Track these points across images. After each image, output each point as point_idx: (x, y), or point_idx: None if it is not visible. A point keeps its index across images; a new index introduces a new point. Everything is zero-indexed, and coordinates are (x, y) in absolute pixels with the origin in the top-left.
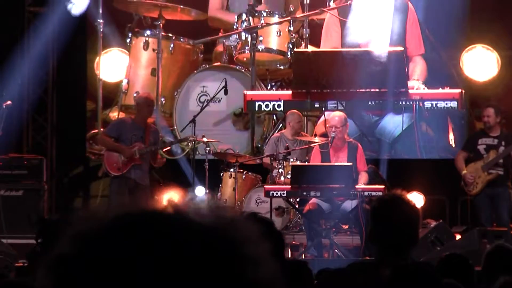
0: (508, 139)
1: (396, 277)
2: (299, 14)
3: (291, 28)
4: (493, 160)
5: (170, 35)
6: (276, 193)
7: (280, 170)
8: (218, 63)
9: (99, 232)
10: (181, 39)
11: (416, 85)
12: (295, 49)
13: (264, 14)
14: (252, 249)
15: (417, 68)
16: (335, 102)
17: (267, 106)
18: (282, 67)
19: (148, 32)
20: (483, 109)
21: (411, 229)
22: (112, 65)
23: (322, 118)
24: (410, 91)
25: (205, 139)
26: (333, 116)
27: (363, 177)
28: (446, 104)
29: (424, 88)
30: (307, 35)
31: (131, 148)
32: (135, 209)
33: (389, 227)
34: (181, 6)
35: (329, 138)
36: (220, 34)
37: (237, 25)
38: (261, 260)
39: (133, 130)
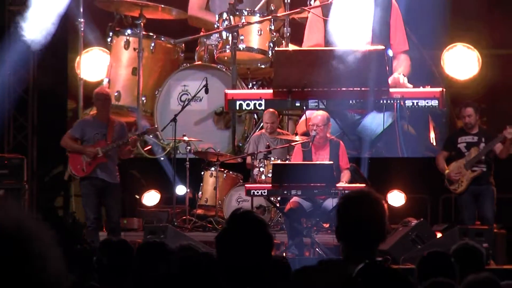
0: (487, 135)
1: (363, 274)
2: (280, 13)
3: (272, 27)
4: (475, 157)
5: (151, 34)
6: (257, 192)
7: (261, 169)
8: (199, 62)
9: None
10: (162, 38)
11: (397, 76)
12: (276, 48)
13: (245, 13)
14: (38, 247)
15: (401, 64)
16: (316, 101)
17: (248, 105)
18: (263, 66)
19: (129, 31)
20: (462, 109)
21: (377, 225)
22: (93, 64)
23: (303, 117)
24: (391, 90)
25: (186, 138)
26: (316, 114)
27: (346, 174)
28: (427, 102)
29: (404, 80)
30: (288, 34)
31: (93, 147)
32: None
33: (354, 224)
34: (162, 5)
35: (310, 137)
36: (202, 33)
37: (218, 24)
38: (47, 257)
39: (96, 129)
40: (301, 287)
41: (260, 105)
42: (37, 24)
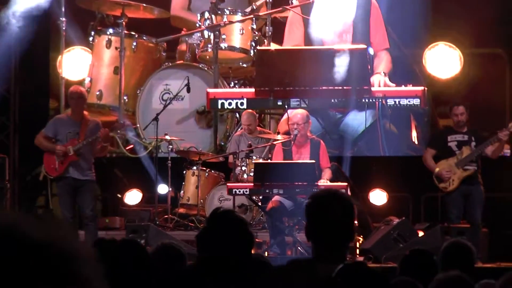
0: (477, 135)
1: (342, 275)
2: (262, 12)
3: (254, 26)
4: (468, 157)
5: (133, 33)
6: (239, 191)
7: (243, 168)
8: (181, 61)
9: None
10: (144, 37)
11: (378, 79)
12: (258, 47)
13: (227, 12)
14: (85, 267)
15: (382, 62)
16: (298, 100)
17: (230, 104)
18: (245, 65)
19: (110, 31)
20: (454, 107)
21: (345, 225)
22: (74, 64)
23: (285, 116)
24: (373, 88)
25: (168, 137)
26: (295, 113)
27: (327, 173)
28: (409, 101)
29: (385, 80)
30: (270, 33)
31: (65, 146)
32: None
33: (323, 223)
34: (144, 4)
35: (292, 136)
36: (183, 32)
37: (200, 23)
38: (92, 278)
39: (69, 127)
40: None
41: (242, 104)
42: (18, 23)
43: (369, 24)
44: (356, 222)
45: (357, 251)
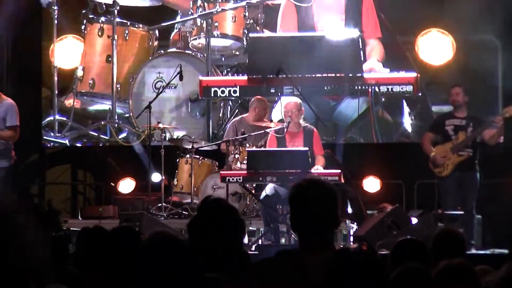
0: (475, 121)
1: (338, 262)
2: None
3: (247, 14)
4: (462, 142)
5: (125, 21)
6: (232, 179)
7: (236, 156)
8: (174, 49)
9: None
10: (136, 26)
11: (372, 64)
12: (251, 34)
13: None
14: (20, 237)
15: (375, 50)
16: (291, 87)
17: (223, 92)
18: (237, 53)
19: (103, 19)
20: (450, 89)
21: (328, 212)
22: (67, 52)
23: (278, 104)
24: (365, 75)
25: (160, 125)
26: (289, 101)
27: (320, 160)
28: (402, 88)
29: (379, 67)
30: (262, 20)
31: None
32: None
33: (306, 212)
34: None
35: (285, 123)
36: (175, 20)
37: (192, 11)
38: (27, 247)
39: None
40: (260, 279)
41: (235, 91)
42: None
43: (361, 12)
44: (350, 209)
45: (351, 238)
